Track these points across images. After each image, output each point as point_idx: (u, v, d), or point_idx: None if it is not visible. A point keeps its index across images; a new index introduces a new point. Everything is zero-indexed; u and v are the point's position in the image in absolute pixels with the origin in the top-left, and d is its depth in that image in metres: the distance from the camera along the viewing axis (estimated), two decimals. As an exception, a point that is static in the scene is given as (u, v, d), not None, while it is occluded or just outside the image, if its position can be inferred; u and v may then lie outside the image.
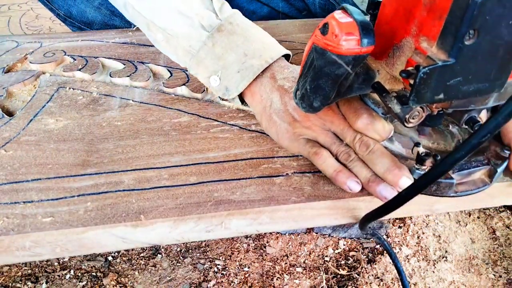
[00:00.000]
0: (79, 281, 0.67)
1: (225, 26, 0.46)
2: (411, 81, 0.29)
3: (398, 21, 0.31)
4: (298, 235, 0.77)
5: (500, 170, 0.38)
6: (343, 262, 0.73)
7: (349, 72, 0.32)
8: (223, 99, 0.52)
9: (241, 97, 0.48)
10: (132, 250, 0.73)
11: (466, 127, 0.36)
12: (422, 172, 0.37)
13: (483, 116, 0.39)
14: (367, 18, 0.31)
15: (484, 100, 0.33)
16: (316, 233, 0.77)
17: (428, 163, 0.36)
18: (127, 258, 0.72)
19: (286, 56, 0.49)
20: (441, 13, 0.27)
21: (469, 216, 0.82)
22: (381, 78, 0.34)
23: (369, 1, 0.34)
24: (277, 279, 0.69)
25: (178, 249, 0.74)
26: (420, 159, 0.36)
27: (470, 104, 0.33)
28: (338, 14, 0.31)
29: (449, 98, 0.31)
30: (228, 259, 0.72)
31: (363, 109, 0.38)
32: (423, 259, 0.74)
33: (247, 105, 0.49)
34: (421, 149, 0.37)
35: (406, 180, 0.36)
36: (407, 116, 0.34)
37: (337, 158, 0.40)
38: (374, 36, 0.30)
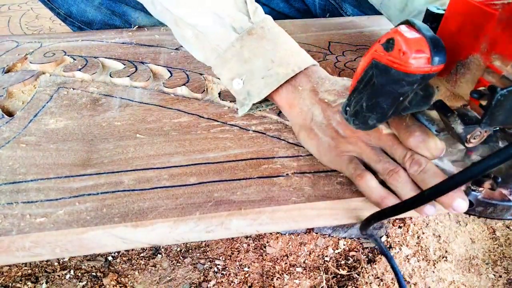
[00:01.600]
0: (79, 281, 0.67)
1: (256, 30, 0.45)
2: (483, 102, 0.27)
3: (465, 37, 0.29)
4: (298, 235, 0.77)
5: None
6: (343, 262, 0.73)
7: (414, 90, 0.30)
8: (223, 100, 0.52)
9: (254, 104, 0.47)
10: (132, 250, 0.73)
11: None
12: (478, 194, 0.35)
13: None
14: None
15: None
16: (316, 233, 0.77)
17: (487, 184, 0.34)
18: (127, 258, 0.72)
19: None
20: None
21: (469, 216, 0.82)
22: (441, 95, 0.32)
23: (427, 13, 0.32)
24: (277, 279, 0.69)
25: (178, 249, 0.74)
26: (477, 180, 0.34)
27: None
28: (403, 28, 0.29)
29: None
30: (228, 259, 0.72)
31: (416, 126, 0.36)
32: (423, 259, 0.74)
33: (255, 111, 0.49)
34: None
35: (460, 202, 0.33)
36: (468, 136, 0.32)
37: (382, 176, 0.37)
38: (446, 54, 0.28)
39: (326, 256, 0.74)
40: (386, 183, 0.37)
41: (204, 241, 0.75)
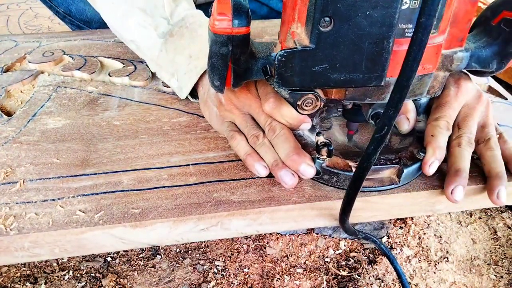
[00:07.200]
0: (78, 282, 0.67)
1: (176, 30, 0.47)
2: None
3: (290, 8, 0.32)
4: (298, 235, 0.76)
5: (407, 170, 0.38)
6: (343, 263, 0.73)
7: (231, 52, 0.32)
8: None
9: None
10: (131, 250, 0.73)
11: (373, 122, 0.36)
12: (322, 162, 0.37)
13: None
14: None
15: (380, 94, 0.33)
16: (317, 233, 0.77)
17: (324, 152, 0.36)
18: (126, 259, 0.71)
19: None
20: None
21: (471, 216, 0.82)
22: None
23: None
24: (277, 280, 0.69)
25: (178, 250, 0.73)
26: (317, 148, 0.37)
27: (366, 97, 0.33)
28: None
29: (319, 85, 0.31)
30: (228, 260, 0.72)
31: (272, 93, 0.38)
32: (424, 259, 0.73)
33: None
34: (320, 139, 0.37)
35: (305, 167, 0.36)
36: (299, 103, 0.35)
37: (248, 140, 0.40)
38: (248, 18, 0.31)
39: (327, 257, 0.74)
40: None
41: (204, 241, 0.74)
